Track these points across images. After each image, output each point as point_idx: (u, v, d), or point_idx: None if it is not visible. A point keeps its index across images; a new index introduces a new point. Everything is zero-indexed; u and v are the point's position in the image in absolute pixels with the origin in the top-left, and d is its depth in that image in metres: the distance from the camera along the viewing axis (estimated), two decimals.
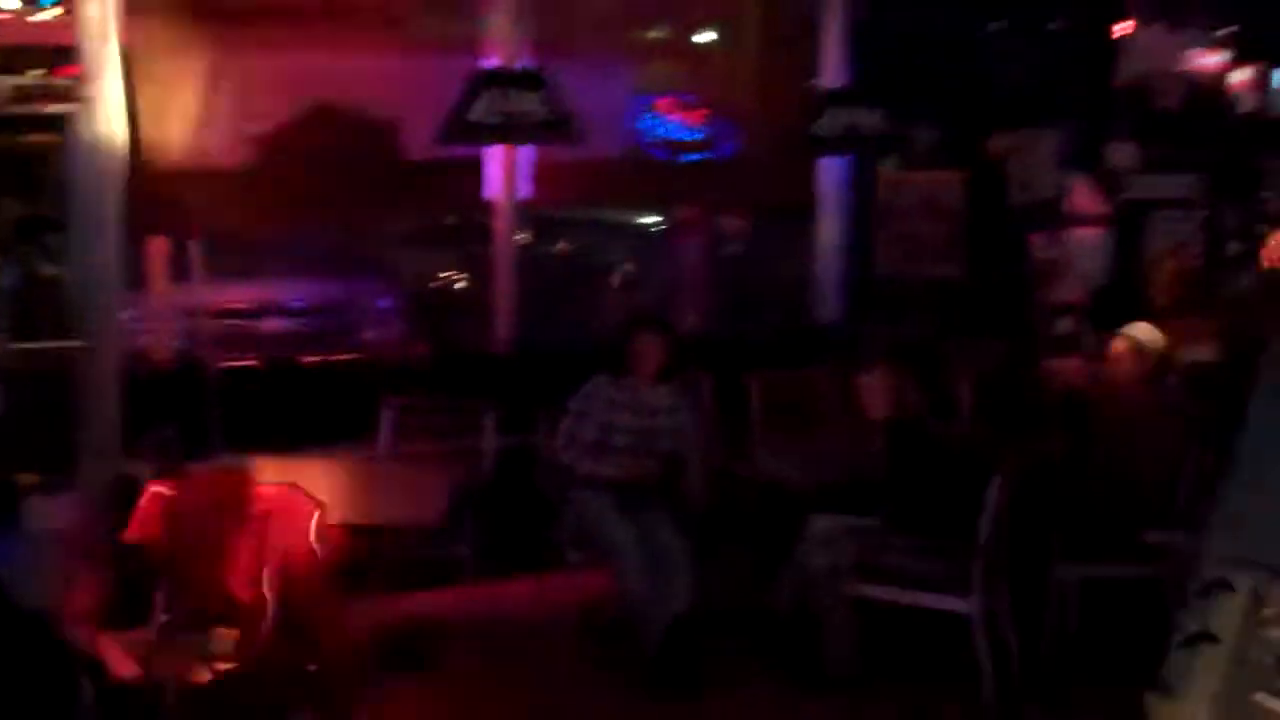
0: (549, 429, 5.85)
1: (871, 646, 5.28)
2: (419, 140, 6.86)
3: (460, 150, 6.83)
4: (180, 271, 6.65)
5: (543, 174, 6.98)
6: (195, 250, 6.25)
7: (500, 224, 6.92)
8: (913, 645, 5.43)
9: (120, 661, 5.36)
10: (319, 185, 6.69)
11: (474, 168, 6.93)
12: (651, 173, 7.50)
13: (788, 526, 5.57)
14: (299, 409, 6.19)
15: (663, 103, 7.47)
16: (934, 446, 5.51)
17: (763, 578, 5.73)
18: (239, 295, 7.27)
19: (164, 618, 5.12)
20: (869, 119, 7.51)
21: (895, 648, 5.39)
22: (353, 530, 4.99)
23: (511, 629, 5.82)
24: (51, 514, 6.01)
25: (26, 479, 5.84)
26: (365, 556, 5.43)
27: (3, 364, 6.45)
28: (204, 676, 5.15)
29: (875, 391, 5.56)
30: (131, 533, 5.19)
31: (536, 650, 5.70)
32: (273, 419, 6.11)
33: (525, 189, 6.96)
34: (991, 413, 6.46)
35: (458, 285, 8.36)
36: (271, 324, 7.25)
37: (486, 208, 6.96)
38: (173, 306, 6.85)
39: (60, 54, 6.43)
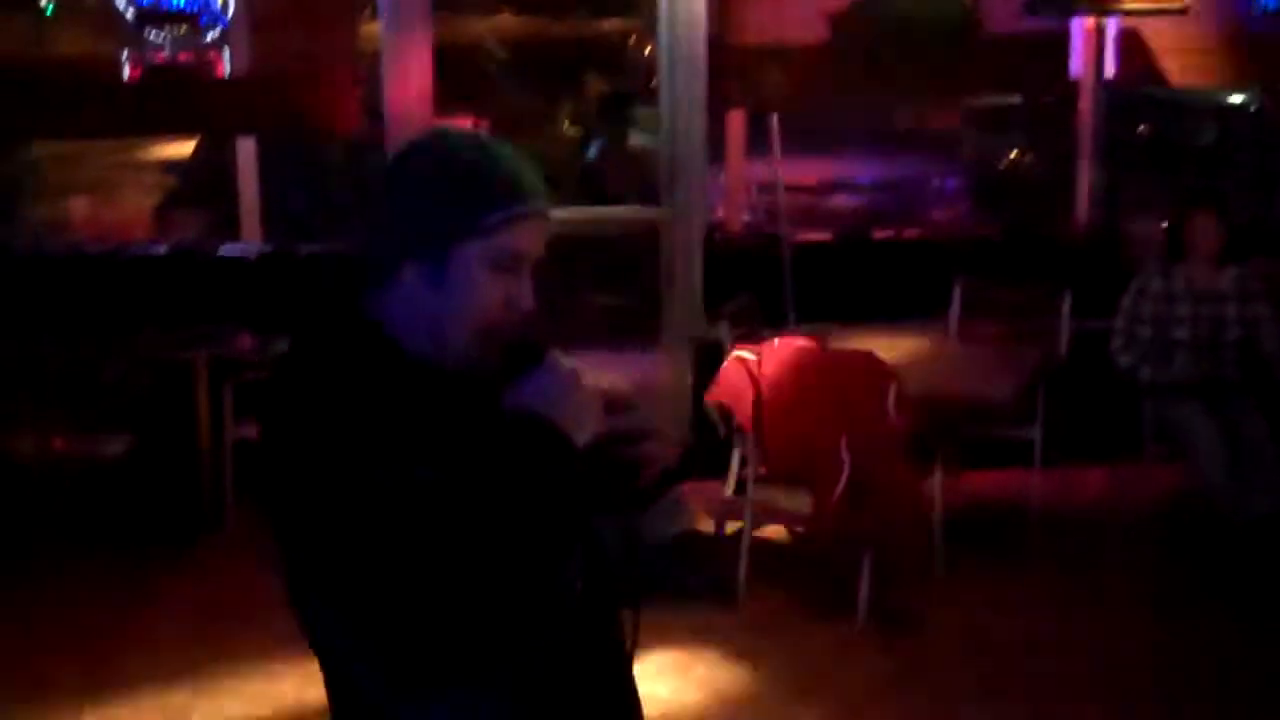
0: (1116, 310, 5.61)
1: None
2: (997, 15, 6.65)
3: (1042, 25, 6.56)
4: (756, 146, 6.82)
5: (1129, 50, 6.58)
6: (773, 125, 6.37)
7: (1084, 104, 6.61)
8: None
9: (695, 514, 5.71)
10: (895, 61, 6.64)
11: (1057, 44, 6.64)
12: (1257, 49, 6.88)
13: None
14: (869, 283, 6.24)
15: None
16: None
17: None
18: (810, 171, 7.40)
19: (740, 475, 5.39)
20: None
21: None
22: (925, 404, 5.00)
23: (1082, 518, 5.68)
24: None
25: None
26: (936, 431, 5.45)
27: (587, 229, 6.91)
28: (779, 533, 5.39)
29: None
30: (714, 393, 5.46)
31: (1109, 543, 5.54)
32: (843, 292, 6.20)
33: (1111, 67, 6.60)
34: None
35: (1026, 167, 8.13)
36: (841, 200, 7.35)
37: (1069, 87, 6.66)
38: (749, 180, 7.07)
39: None
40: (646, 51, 9.47)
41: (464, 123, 8.42)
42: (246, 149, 6.54)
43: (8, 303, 5.95)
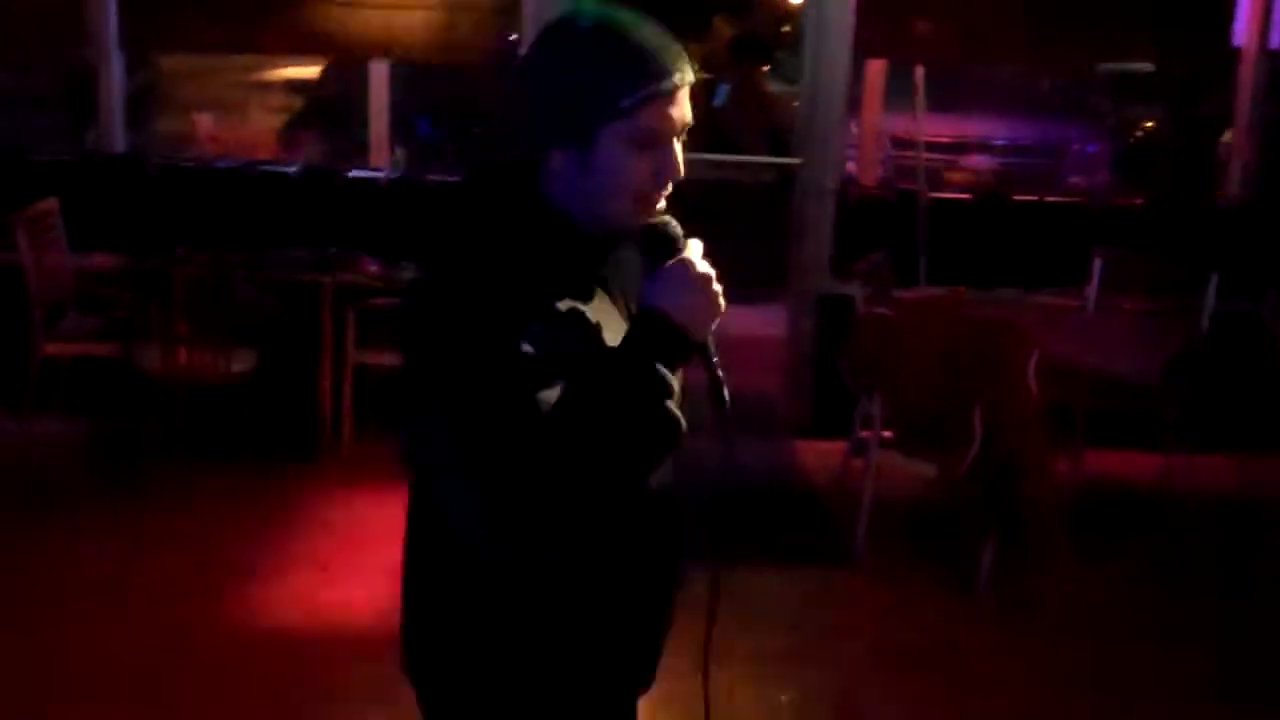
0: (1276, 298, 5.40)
1: None
2: None
3: None
4: (895, 100, 6.64)
5: None
6: (918, 79, 6.19)
7: (1245, 74, 6.34)
8: None
9: (817, 469, 5.62)
10: (1044, 19, 6.42)
11: (1222, 7, 6.37)
12: None
13: None
14: (1006, 247, 6.06)
15: None
16: None
17: None
18: (946, 128, 7.20)
19: (864, 434, 5.28)
20: None
21: None
22: (1059, 376, 4.85)
23: (1213, 506, 5.50)
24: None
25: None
26: (1073, 405, 5.29)
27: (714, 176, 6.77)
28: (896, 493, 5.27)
29: None
30: (847, 350, 5.35)
31: (1239, 533, 5.36)
32: (979, 255, 6.03)
33: (1276, 38, 6.32)
34: None
35: (1168, 136, 7.85)
36: (976, 160, 7.15)
37: (1229, 55, 6.39)
38: (885, 134, 6.90)
39: None
40: None
41: None
42: (379, 73, 6.49)
43: (138, 213, 5.97)
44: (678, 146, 1.82)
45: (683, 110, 1.80)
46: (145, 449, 5.50)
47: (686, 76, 1.79)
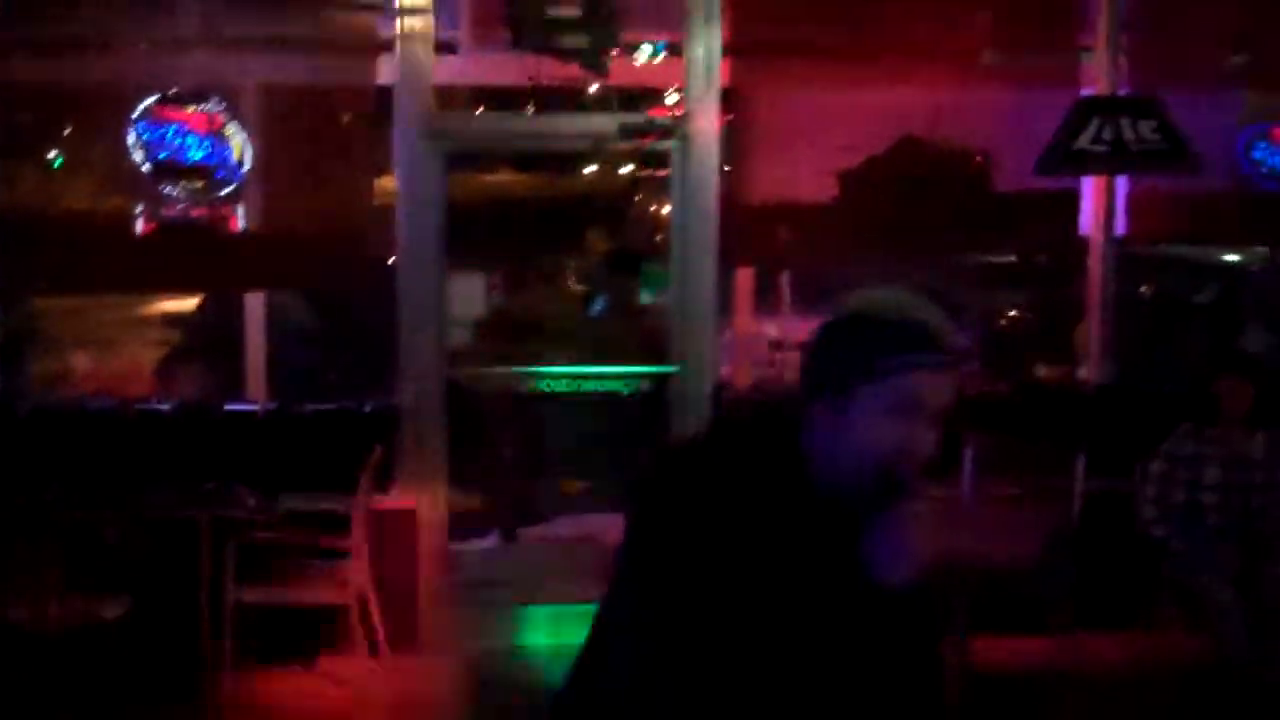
0: (1143, 477, 5.55)
1: None
2: (1007, 175, 6.71)
3: (1052, 184, 6.62)
4: (764, 303, 6.83)
5: (1139, 208, 6.63)
6: (782, 282, 6.39)
7: (1094, 262, 6.64)
8: None
9: None
10: (906, 219, 6.68)
11: (1067, 202, 6.70)
12: (1266, 207, 6.93)
13: None
14: None
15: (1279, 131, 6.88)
16: None
17: None
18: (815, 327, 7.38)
19: None
20: None
21: None
22: (937, 564, 4.90)
23: (1098, 684, 5.53)
24: None
25: None
26: (953, 593, 5.33)
27: (583, 390, 6.85)
28: None
29: None
30: None
31: (1125, 711, 5.38)
32: None
33: (1120, 225, 6.64)
34: None
35: (1030, 323, 8.13)
36: None
37: (1078, 244, 6.69)
38: (756, 337, 7.06)
39: (653, 95, 6.81)
40: (650, 209, 9.55)
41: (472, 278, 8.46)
42: (255, 305, 6.54)
43: (8, 456, 5.87)
44: (931, 427, 1.90)
45: (943, 390, 1.89)
46: (18, 701, 5.30)
47: (954, 363, 1.90)
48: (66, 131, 7.47)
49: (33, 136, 7.38)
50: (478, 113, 7.87)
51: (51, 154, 7.84)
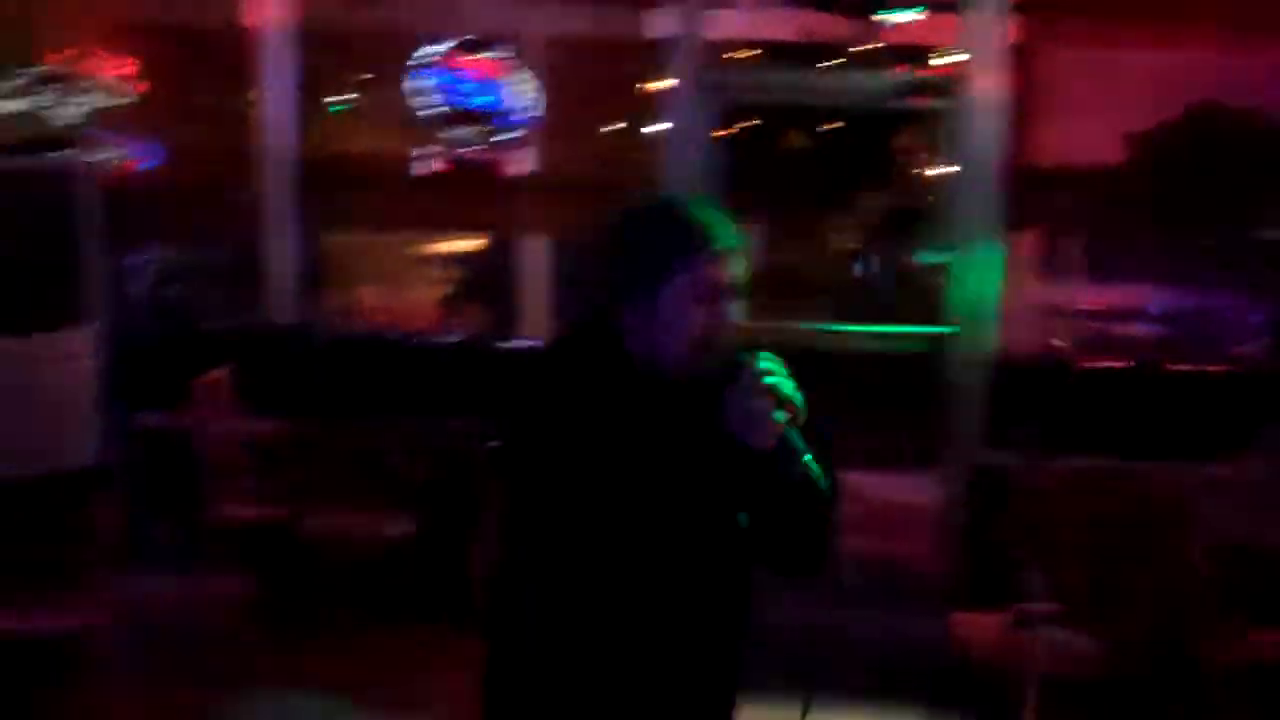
0: None
1: None
2: None
3: None
4: (1048, 267, 6.63)
5: None
6: (1068, 248, 6.19)
7: None
8: None
9: (975, 643, 5.47)
10: (1201, 188, 6.39)
11: None
12: None
13: None
14: (1164, 416, 5.93)
15: None
16: None
17: None
18: (1100, 296, 7.13)
19: (1028, 606, 5.14)
20: None
21: None
22: (1233, 552, 4.70)
23: None
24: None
25: None
26: (1245, 582, 5.10)
27: (851, 349, 6.75)
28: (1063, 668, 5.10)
29: None
30: (1003, 521, 5.26)
31: None
32: (1137, 425, 5.92)
33: None
34: None
35: None
36: (1133, 328, 7.07)
37: None
38: (1038, 302, 6.87)
39: (931, 52, 6.67)
40: (925, 169, 9.36)
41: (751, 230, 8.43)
42: (534, 248, 6.71)
43: (306, 382, 6.19)
44: (731, 303, 2.18)
45: (731, 271, 2.18)
46: (309, 612, 5.60)
47: (733, 246, 2.18)
48: (360, 76, 7.79)
49: (328, 81, 7.71)
50: (749, 67, 7.85)
51: (346, 97, 8.19)
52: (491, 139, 7.23)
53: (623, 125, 7.39)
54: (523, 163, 7.29)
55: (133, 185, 7.15)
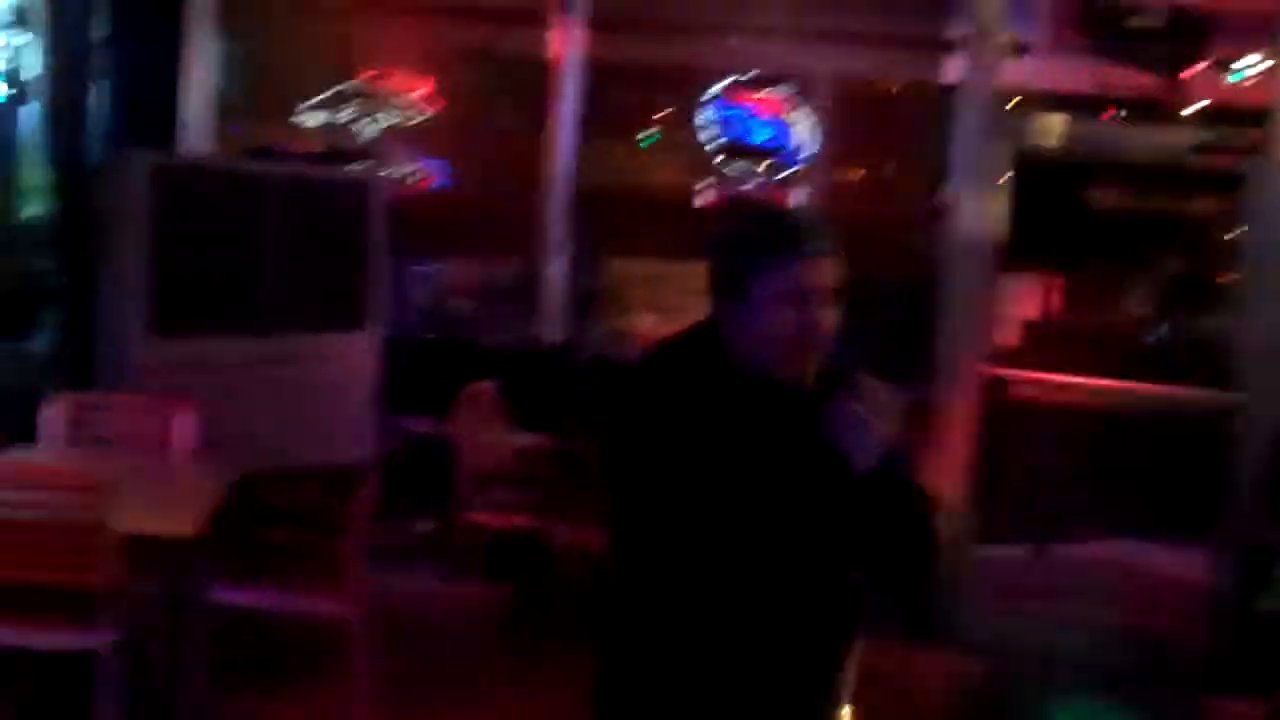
0: None
1: None
2: None
3: None
4: None
5: None
6: None
7: None
8: None
9: None
10: None
11: None
12: None
13: None
14: None
15: None
16: None
17: None
18: None
19: None
20: None
21: None
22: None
23: None
24: None
25: None
26: None
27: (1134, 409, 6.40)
28: None
29: None
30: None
31: None
32: None
33: None
34: None
35: None
36: None
37: None
38: None
39: (1244, 114, 6.32)
40: (1226, 234, 8.92)
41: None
42: None
43: (569, 401, 6.32)
44: (823, 307, 2.20)
45: (821, 276, 2.20)
46: (555, 623, 5.68)
47: (823, 250, 2.21)
48: (650, 110, 7.95)
49: (618, 113, 7.89)
50: (1044, 116, 7.64)
51: (648, 132, 8.35)
52: (771, 174, 7.25)
53: (904, 168, 7.31)
54: (800, 198, 7.28)
55: (422, 200, 7.47)
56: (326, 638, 4.64)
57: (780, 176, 7.35)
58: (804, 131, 7.28)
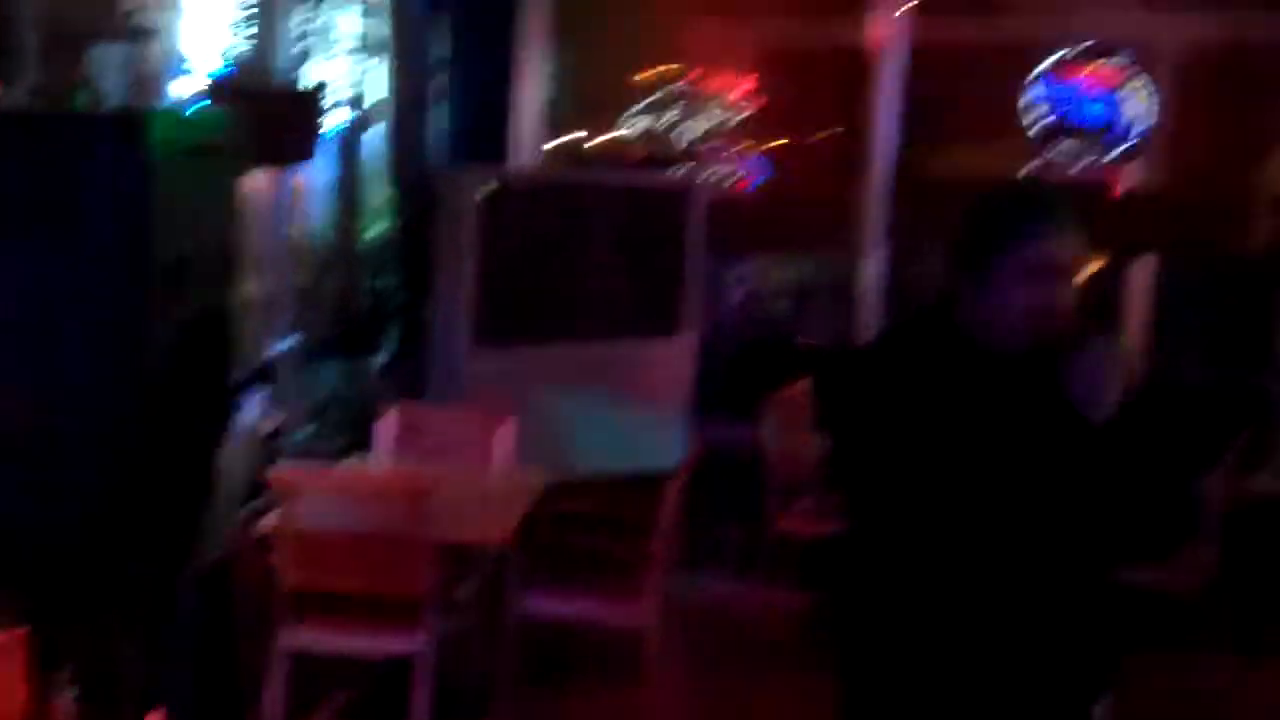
0: None
1: None
2: None
3: None
4: None
5: None
6: None
7: None
8: None
9: None
10: None
11: None
12: None
13: None
14: None
15: None
16: None
17: None
18: None
19: None
20: None
21: None
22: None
23: None
24: None
25: None
26: None
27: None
28: None
29: None
30: None
31: None
32: None
33: None
34: None
35: None
36: None
37: None
38: None
39: None
40: None
41: None
42: (1141, 268, 6.32)
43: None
44: (1062, 285, 2.19)
45: (1063, 253, 2.19)
46: None
47: (1066, 230, 2.20)
48: (973, 93, 7.66)
49: (941, 99, 7.66)
50: None
51: (958, 119, 8.04)
52: (1096, 154, 6.87)
53: (1259, 140, 6.78)
54: (1134, 177, 6.86)
55: (740, 200, 7.47)
56: (628, 643, 4.75)
57: (1111, 156, 6.93)
58: (1139, 106, 6.85)
